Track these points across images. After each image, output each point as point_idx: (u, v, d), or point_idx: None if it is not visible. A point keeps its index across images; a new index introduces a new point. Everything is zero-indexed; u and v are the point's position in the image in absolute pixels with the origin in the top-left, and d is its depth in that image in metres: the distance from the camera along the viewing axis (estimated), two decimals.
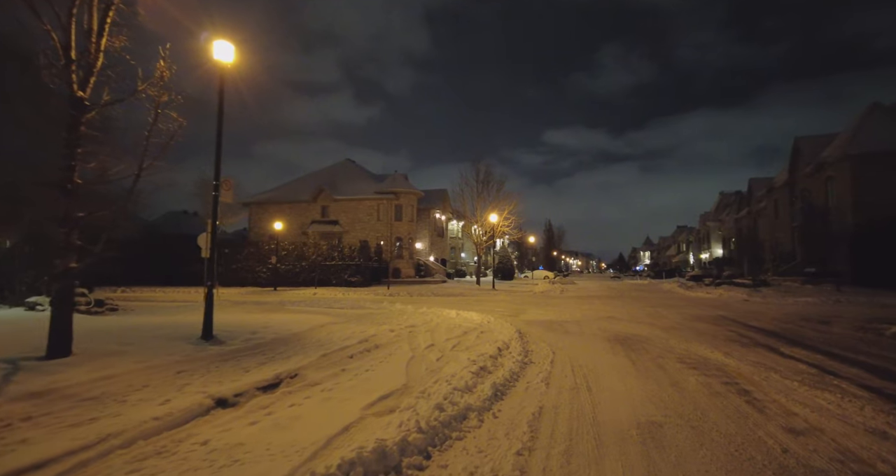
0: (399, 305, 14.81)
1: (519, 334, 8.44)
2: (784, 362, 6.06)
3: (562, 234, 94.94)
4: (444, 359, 6.34)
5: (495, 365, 5.78)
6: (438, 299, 19.53)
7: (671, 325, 10.27)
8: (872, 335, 8.59)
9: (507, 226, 31.08)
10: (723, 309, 14.13)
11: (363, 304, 15.46)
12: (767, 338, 8.25)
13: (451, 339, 8.09)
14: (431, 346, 7.33)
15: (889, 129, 24.26)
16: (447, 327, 9.63)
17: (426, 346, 7.33)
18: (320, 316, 11.24)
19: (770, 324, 10.25)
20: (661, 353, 6.86)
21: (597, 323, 10.74)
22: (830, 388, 4.68)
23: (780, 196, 32.27)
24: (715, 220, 56.09)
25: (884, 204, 22.59)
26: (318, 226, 35.83)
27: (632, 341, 7.95)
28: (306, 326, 8.97)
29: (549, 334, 8.91)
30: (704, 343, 7.63)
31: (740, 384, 4.90)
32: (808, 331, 9.15)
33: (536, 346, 7.51)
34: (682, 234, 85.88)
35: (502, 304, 17.08)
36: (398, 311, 13.16)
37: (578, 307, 15.33)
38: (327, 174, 39.12)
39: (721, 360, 6.23)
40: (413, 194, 35.59)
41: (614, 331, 9.31)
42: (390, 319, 11.11)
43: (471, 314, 11.91)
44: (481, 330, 9.18)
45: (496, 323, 10.09)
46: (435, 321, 10.77)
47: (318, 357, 6.20)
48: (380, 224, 34.75)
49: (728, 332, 9.02)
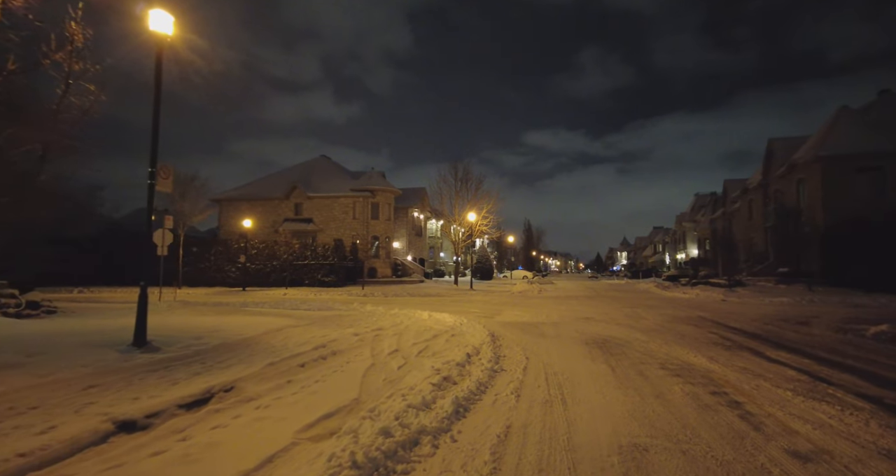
0: (370, 307, 14.11)
1: (492, 338, 7.88)
2: (771, 368, 5.65)
3: (541, 235, 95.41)
4: (406, 367, 5.73)
5: (462, 374, 5.20)
6: (413, 300, 18.89)
7: (650, 326, 9.88)
8: (853, 337, 8.34)
9: (486, 224, 30.63)
10: (701, 309, 13.90)
11: (332, 306, 14.71)
12: (750, 340, 7.89)
13: (419, 343, 7.48)
14: (395, 352, 6.71)
15: (856, 131, 24.74)
16: (416, 330, 9.02)
17: (390, 353, 6.70)
18: (281, 318, 10.48)
19: (750, 325, 9.96)
20: (642, 357, 6.39)
21: (574, 324, 10.29)
22: (827, 399, 4.25)
23: (754, 197, 32.71)
24: (690, 220, 56.93)
25: (852, 205, 22.98)
26: (290, 224, 34.71)
27: (610, 345, 7.48)
28: (261, 330, 8.23)
29: (524, 337, 8.38)
30: (686, 346, 7.20)
31: (730, 394, 4.43)
32: (789, 333, 8.86)
33: (509, 350, 6.96)
34: (658, 234, 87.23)
35: (478, 304, 16.55)
36: (368, 313, 12.48)
37: (556, 308, 14.91)
38: (301, 171, 37.99)
39: (706, 365, 5.79)
40: (390, 192, 34.81)
41: (592, 333, 8.85)
42: (357, 322, 10.44)
43: (444, 316, 11.32)
44: (452, 333, 8.59)
45: (469, 325, 9.52)
46: (405, 323, 10.14)
47: (263, 366, 5.51)
48: (355, 222, 33.86)
49: (709, 334, 8.65)
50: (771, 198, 30.17)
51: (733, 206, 38.07)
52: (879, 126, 24.79)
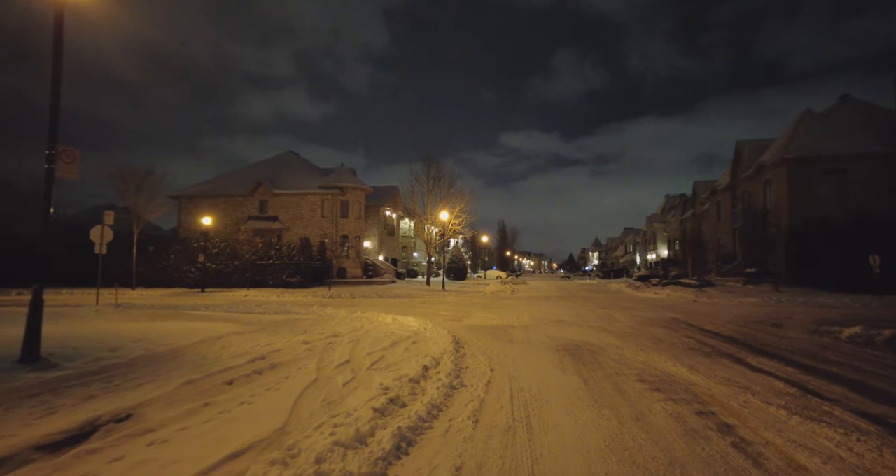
0: (331, 310, 13.23)
1: (456, 345, 7.19)
2: (756, 378, 5.15)
3: (515, 235, 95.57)
4: (353, 383, 4.97)
5: (414, 393, 4.47)
6: (381, 301, 18.07)
7: (624, 330, 9.40)
8: (829, 340, 8.05)
9: (459, 224, 29.98)
10: (674, 311, 13.61)
11: (291, 309, 13.75)
12: (727, 345, 7.46)
13: (374, 353, 6.72)
14: (345, 365, 5.94)
15: (820, 134, 25.26)
16: (376, 337, 8.25)
17: (339, 365, 5.92)
18: (228, 323, 9.53)
19: (725, 328, 9.60)
20: (617, 367, 5.81)
21: (545, 328, 9.72)
22: (825, 419, 3.73)
23: (723, 198, 33.20)
24: (661, 221, 57.88)
25: (816, 206, 23.41)
26: (255, 222, 33.23)
27: (583, 352, 6.90)
28: (196, 338, 7.29)
29: (492, 343, 7.73)
30: (664, 353, 6.69)
31: (718, 415, 3.86)
32: (765, 336, 8.51)
33: (474, 360, 6.28)
34: (629, 235, 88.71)
35: (449, 306, 15.87)
36: (328, 317, 11.62)
37: (527, 309, 14.37)
38: (267, 167, 36.48)
39: (686, 376, 5.25)
40: (361, 190, 33.75)
41: (564, 338, 8.28)
42: (313, 327, 9.58)
43: (409, 320, 10.57)
44: (414, 340, 7.86)
45: (433, 330, 8.81)
46: (365, 329, 9.34)
47: (180, 384, 4.64)
48: (324, 221, 32.66)
49: (686, 338, 8.20)
50: (739, 199, 30.64)
51: (702, 208, 38.66)
52: (841, 129, 25.40)
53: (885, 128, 24.67)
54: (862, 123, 25.52)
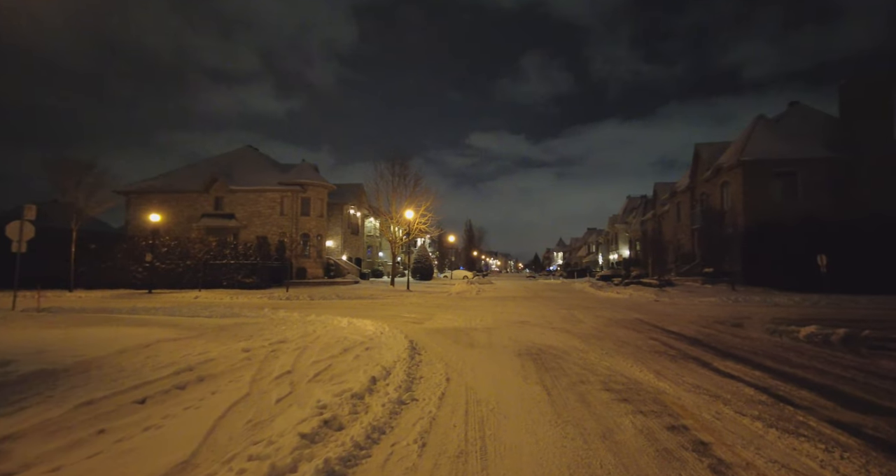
0: (283, 313, 12.42)
1: (412, 351, 6.66)
2: (725, 384, 4.88)
3: (482, 235, 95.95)
4: (289, 399, 4.37)
5: (356, 411, 3.91)
6: (341, 303, 17.30)
7: (588, 331, 9.13)
8: (789, 340, 8.02)
9: (424, 223, 29.43)
10: (637, 311, 13.56)
11: (241, 312, 12.84)
12: (692, 347, 7.27)
13: (321, 361, 6.11)
14: (285, 376, 5.31)
15: (772, 139, 26.24)
16: (326, 343, 7.62)
17: (278, 376, 5.29)
18: (164, 329, 8.64)
19: (688, 329, 9.50)
20: (582, 374, 5.45)
21: (508, 330, 9.33)
22: (803, 431, 3.44)
23: (682, 200, 34.10)
24: (622, 222, 59.26)
25: (769, 208, 24.29)
26: (209, 220, 31.55)
27: (546, 357, 6.52)
28: (118, 347, 6.46)
29: (452, 348, 7.25)
30: (629, 357, 6.39)
31: (691, 430, 3.50)
32: (727, 337, 8.41)
33: (429, 368, 5.77)
34: (592, 235, 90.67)
35: (411, 307, 15.31)
36: (279, 320, 10.85)
37: (492, 310, 14.01)
38: (224, 162, 34.75)
39: (654, 383, 4.93)
40: (323, 187, 32.62)
41: (527, 341, 7.90)
42: (260, 332, 8.85)
43: (366, 323, 9.95)
44: (367, 346, 7.28)
45: (390, 334, 8.25)
46: (316, 334, 8.68)
47: (74, 407, 3.91)
48: (283, 219, 31.36)
49: (650, 340, 7.99)
50: (698, 200, 31.51)
51: (662, 209, 39.67)
52: (791, 134, 26.47)
53: (830, 134, 25.88)
54: (809, 129, 26.68)
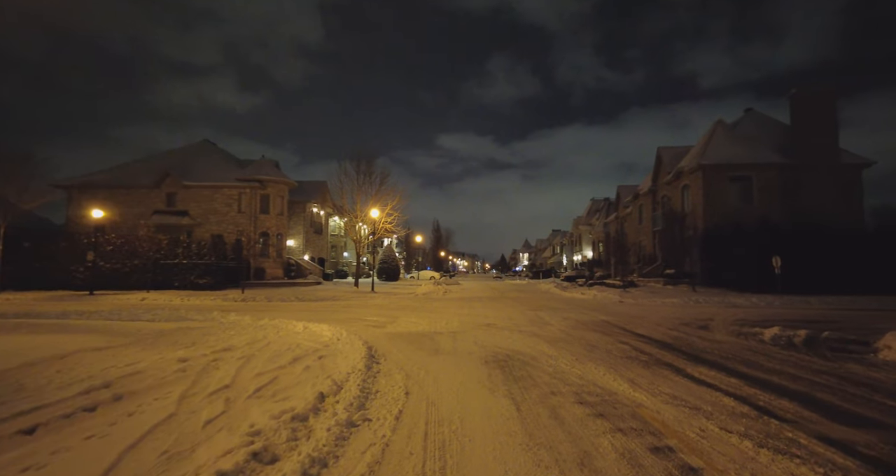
0: (234, 316, 11.54)
1: (369, 361, 6.10)
2: (704, 394, 4.59)
3: (450, 235, 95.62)
4: (219, 422, 3.74)
5: (296, 437, 3.33)
6: (300, 305, 16.45)
7: (556, 335, 8.82)
8: (755, 343, 7.96)
9: (391, 222, 28.69)
10: (603, 312, 13.45)
11: (188, 315, 11.87)
12: (663, 351, 7.05)
13: (267, 372, 5.47)
14: (223, 391, 4.65)
15: (729, 143, 27.11)
16: (276, 351, 6.94)
17: (214, 392, 4.63)
18: (91, 336, 7.70)
19: (656, 331, 9.35)
20: (553, 383, 5.05)
21: (474, 334, 8.89)
22: (795, 450, 3.13)
23: (644, 202, 34.84)
24: (586, 224, 60.32)
25: (727, 211, 25.04)
26: (161, 217, 29.69)
27: (514, 364, 6.11)
28: (23, 360, 5.57)
29: (414, 356, 6.73)
30: (601, 363, 6.07)
31: (677, 452, 3.13)
32: (695, 340, 8.28)
33: (388, 380, 5.23)
34: (557, 237, 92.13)
35: (375, 309, 14.67)
36: (229, 325, 10.02)
37: (458, 312, 13.57)
38: (178, 156, 32.84)
39: (630, 395, 4.58)
40: (283, 184, 31.32)
41: (494, 346, 7.48)
42: (204, 338, 8.05)
43: (323, 328, 9.28)
44: (322, 353, 6.66)
45: (347, 341, 7.64)
46: (267, 340, 7.97)
47: None
48: (241, 217, 29.89)
49: (620, 344, 7.73)
50: (659, 203, 32.23)
51: (625, 211, 40.48)
52: (746, 140, 27.43)
53: (781, 140, 26.99)
54: (763, 135, 27.73)
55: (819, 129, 25.47)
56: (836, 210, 24.58)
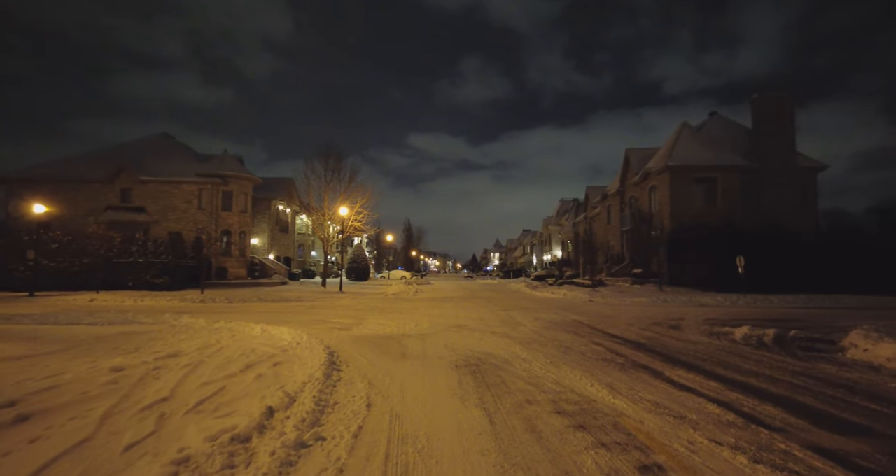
0: (188, 318, 10.74)
1: (329, 367, 5.60)
2: (686, 400, 4.34)
3: (421, 235, 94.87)
4: (144, 445, 3.19)
5: (233, 463, 2.84)
6: (262, 307, 15.65)
7: (529, 336, 8.53)
8: (728, 342, 7.89)
9: (360, 220, 27.95)
10: (574, 312, 13.32)
11: (136, 317, 10.98)
12: (638, 353, 6.84)
13: (214, 382, 4.91)
14: (158, 405, 4.09)
15: (694, 146, 27.75)
16: (228, 357, 6.34)
17: (147, 406, 4.06)
18: (11, 344, 6.87)
19: (629, 331, 9.20)
20: (528, 390, 4.71)
21: (445, 336, 8.50)
22: (793, 465, 2.87)
23: (613, 203, 35.34)
24: (556, 224, 60.98)
25: (692, 212, 25.59)
26: (115, 213, 27.97)
27: (487, 368, 5.74)
28: None
29: (379, 361, 6.27)
30: (576, 367, 5.78)
31: (668, 471, 2.81)
32: (669, 340, 8.15)
33: (348, 390, 4.76)
34: (527, 237, 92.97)
35: (341, 311, 14.07)
36: (181, 328, 9.27)
37: (428, 313, 13.15)
38: (134, 149, 31.03)
39: (609, 402, 4.27)
40: (247, 180, 30.07)
41: (465, 349, 7.10)
42: (150, 344, 7.35)
43: (282, 331, 8.68)
44: (278, 360, 6.12)
45: (307, 345, 7.10)
46: (221, 344, 7.34)
47: None
48: (202, 214, 28.50)
49: (594, 345, 7.49)
50: (627, 204, 32.73)
51: (594, 211, 41.01)
52: (710, 142, 28.15)
53: (743, 143, 27.84)
54: (727, 138, 28.53)
55: (778, 133, 26.38)
56: (794, 212, 25.52)
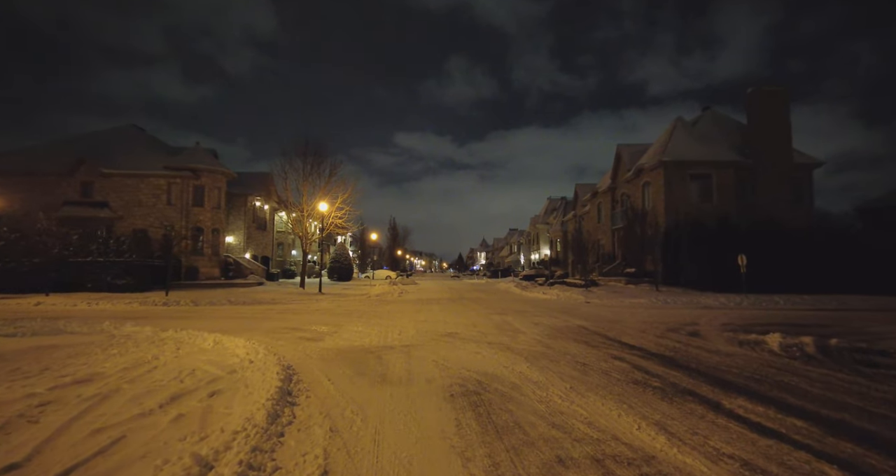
0: (131, 327, 9.16)
1: (281, 400, 4.20)
2: (784, 456, 3.07)
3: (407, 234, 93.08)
4: None
5: None
6: (230, 310, 14.10)
7: (533, 347, 7.23)
8: (767, 354, 6.74)
9: (341, 217, 26.36)
10: (574, 315, 12.09)
11: (69, 327, 9.34)
12: (671, 370, 5.59)
13: (113, 427, 3.49)
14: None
15: (689, 141, 26.90)
16: (154, 383, 4.90)
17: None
18: None
19: (644, 340, 7.98)
20: (554, 439, 3.39)
21: (435, 348, 7.15)
22: None
23: (603, 200, 34.39)
24: (543, 222, 60.09)
25: (687, 209, 24.68)
26: (74, 209, 25.88)
27: (491, 399, 4.41)
28: None
29: (351, 388, 4.89)
30: (607, 395, 4.49)
31: None
32: (697, 351, 6.94)
33: (298, 442, 3.37)
34: (514, 236, 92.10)
35: (316, 315, 12.62)
36: (120, 339, 7.79)
37: (414, 317, 11.79)
38: (98, 140, 28.90)
39: (675, 459, 2.98)
40: (220, 174, 28.20)
41: (460, 368, 5.76)
42: (66, 362, 5.88)
43: (237, 343, 7.23)
44: (217, 387, 4.70)
45: (261, 364, 5.67)
46: (153, 364, 5.87)
47: None
48: (171, 210, 26.58)
49: (614, 360, 6.22)
50: (619, 201, 31.79)
51: (584, 209, 40.08)
52: (704, 138, 27.34)
53: (737, 139, 27.10)
54: (721, 134, 27.76)
55: (773, 128, 25.65)
56: (789, 209, 24.81)
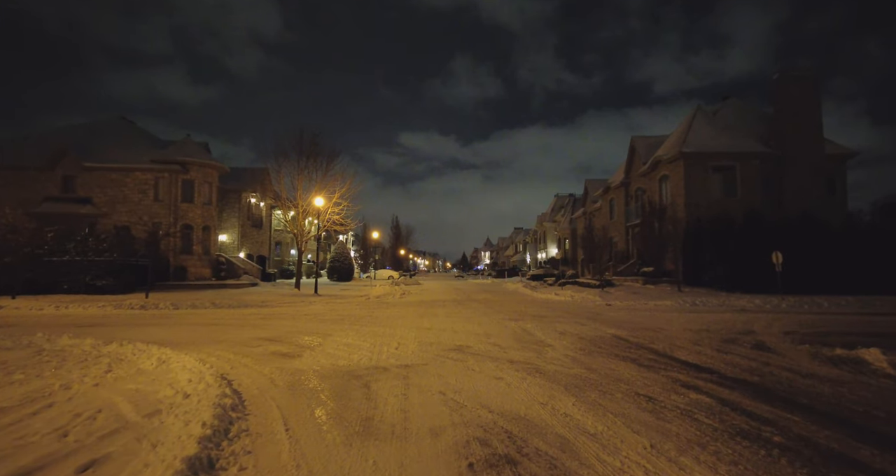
0: (67, 339, 7.50)
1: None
2: None
3: (410, 233, 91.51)
4: None
5: None
6: (209, 315, 12.54)
7: (569, 369, 5.57)
8: (885, 379, 5.07)
9: (339, 213, 24.71)
10: (600, 321, 10.43)
11: (9, 341, 7.76)
12: (776, 409, 3.92)
13: None
14: None
15: (710, 132, 25.17)
16: (26, 435, 3.29)
17: None
18: None
19: (704, 356, 6.30)
20: None
21: (439, 371, 5.51)
22: None
23: (616, 196, 32.64)
24: (551, 221, 58.33)
25: (709, 203, 22.94)
26: (54, 205, 24.39)
27: (532, 472, 2.77)
28: None
29: (315, 445, 3.25)
30: (714, 463, 2.83)
31: None
32: (784, 374, 5.26)
33: None
34: (519, 235, 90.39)
35: (303, 322, 11.02)
36: (47, 355, 6.22)
37: (416, 324, 10.16)
38: (83, 133, 27.40)
39: None
40: (212, 168, 26.63)
41: (476, 406, 4.12)
42: None
43: (185, 363, 5.62)
44: (106, 451, 3.07)
45: (196, 403, 4.02)
46: (53, 398, 4.28)
47: None
48: (158, 206, 25.04)
49: (689, 391, 4.55)
50: (633, 196, 30.06)
51: (594, 206, 38.34)
52: (726, 128, 25.58)
53: (761, 129, 25.34)
54: (744, 123, 26.00)
55: (802, 116, 23.84)
56: (820, 204, 23.03)
